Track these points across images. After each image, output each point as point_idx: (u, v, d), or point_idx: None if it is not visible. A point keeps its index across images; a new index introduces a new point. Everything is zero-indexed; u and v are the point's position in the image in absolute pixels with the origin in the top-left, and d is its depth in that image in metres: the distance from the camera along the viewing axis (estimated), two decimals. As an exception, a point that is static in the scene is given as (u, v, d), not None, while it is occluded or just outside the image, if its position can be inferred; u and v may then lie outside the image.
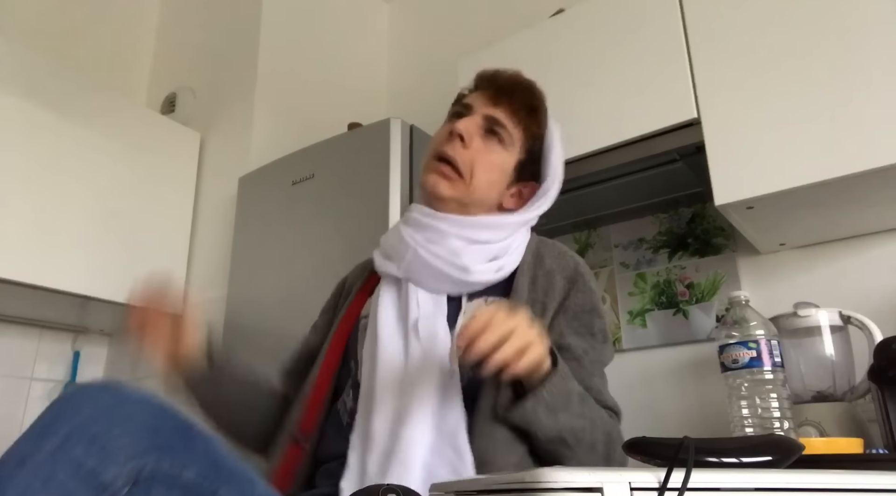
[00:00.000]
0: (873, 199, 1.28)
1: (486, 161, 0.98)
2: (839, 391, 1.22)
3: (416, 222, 0.99)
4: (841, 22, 1.22)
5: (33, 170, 1.81)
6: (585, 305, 0.96)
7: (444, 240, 0.96)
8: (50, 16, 2.30)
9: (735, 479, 0.46)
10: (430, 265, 0.94)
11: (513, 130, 1.00)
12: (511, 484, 0.45)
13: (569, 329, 0.94)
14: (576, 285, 0.96)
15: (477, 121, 1.00)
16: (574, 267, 0.98)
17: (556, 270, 0.97)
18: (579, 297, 0.96)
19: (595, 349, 0.94)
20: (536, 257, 0.99)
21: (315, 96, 2.33)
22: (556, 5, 1.74)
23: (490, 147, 0.99)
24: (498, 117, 1.00)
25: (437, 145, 1.01)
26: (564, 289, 0.96)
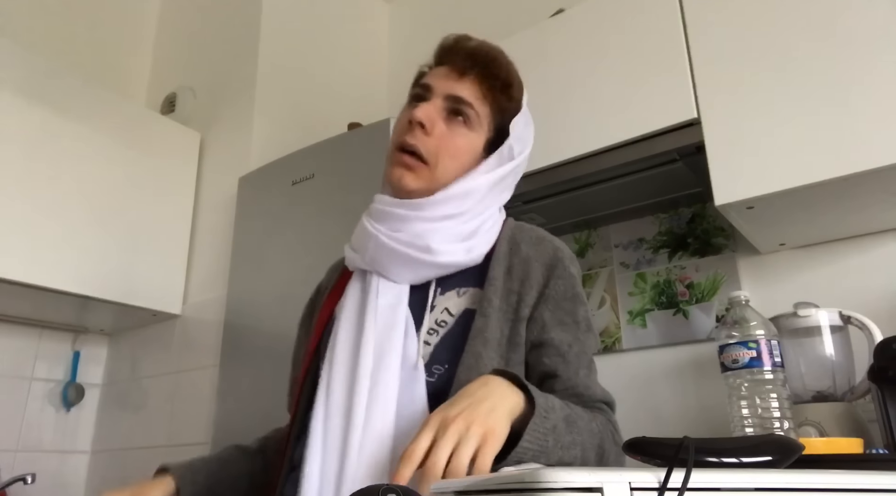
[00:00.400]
0: (873, 199, 1.28)
1: (452, 146, 0.92)
2: (839, 391, 1.22)
3: (377, 213, 0.94)
4: (841, 22, 1.22)
5: (33, 169, 1.81)
6: (567, 292, 0.90)
7: (407, 224, 0.91)
8: (50, 16, 2.30)
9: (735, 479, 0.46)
10: (392, 251, 0.89)
11: (479, 108, 0.93)
12: (511, 484, 0.45)
13: (552, 320, 0.88)
14: (555, 272, 0.91)
15: (437, 104, 0.92)
16: (553, 252, 0.93)
17: (532, 257, 0.91)
18: (559, 284, 0.90)
19: (579, 340, 0.89)
20: (512, 244, 0.94)
21: (315, 96, 2.33)
22: (556, 5, 1.74)
23: (455, 130, 0.92)
24: (461, 95, 0.92)
25: (398, 135, 0.94)
26: (543, 276, 0.90)
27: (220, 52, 2.34)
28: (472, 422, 0.66)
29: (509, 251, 0.93)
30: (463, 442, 0.65)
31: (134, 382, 2.16)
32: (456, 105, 0.92)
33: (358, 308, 0.91)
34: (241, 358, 1.80)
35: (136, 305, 1.99)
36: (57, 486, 2.05)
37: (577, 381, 0.86)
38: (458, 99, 0.92)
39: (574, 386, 0.86)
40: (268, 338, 1.74)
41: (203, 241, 2.16)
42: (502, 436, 0.67)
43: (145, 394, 2.10)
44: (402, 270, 0.91)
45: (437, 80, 0.95)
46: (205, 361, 1.95)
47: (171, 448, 1.96)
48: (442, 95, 0.93)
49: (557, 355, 0.86)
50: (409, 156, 0.91)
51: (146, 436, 2.04)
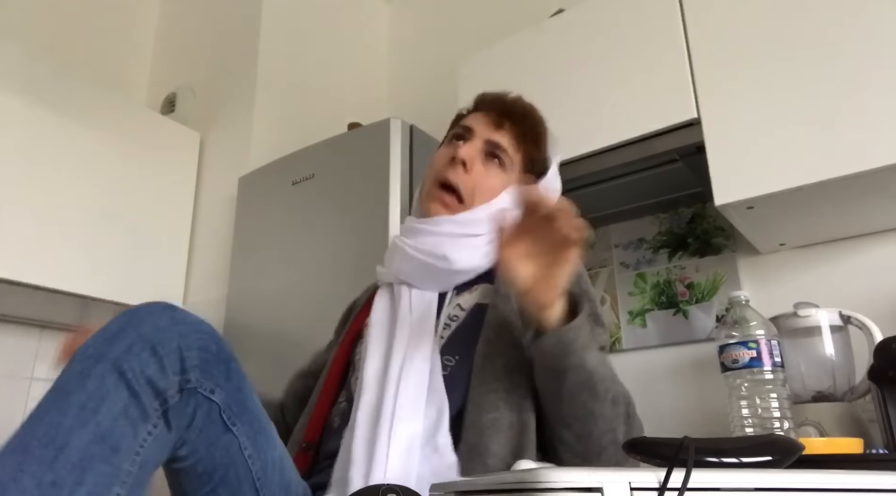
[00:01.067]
0: (873, 199, 1.28)
1: (487, 184, 1.00)
2: (839, 391, 1.22)
3: (408, 230, 1.02)
4: (841, 22, 1.22)
5: (33, 170, 1.81)
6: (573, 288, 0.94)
7: (432, 237, 0.97)
8: (50, 16, 2.30)
9: (735, 479, 0.46)
10: (413, 259, 0.96)
11: (513, 155, 1.02)
12: (511, 484, 0.45)
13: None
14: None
15: (478, 145, 1.01)
16: None
17: None
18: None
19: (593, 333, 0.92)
20: None
21: (315, 96, 2.33)
22: (556, 5, 1.74)
23: (490, 170, 1.01)
24: (499, 142, 1.01)
25: (439, 170, 1.02)
26: None
27: (220, 52, 2.34)
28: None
29: None
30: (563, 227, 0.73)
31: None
32: (493, 149, 1.01)
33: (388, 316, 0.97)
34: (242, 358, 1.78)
35: (136, 305, 1.98)
36: (57, 486, 2.04)
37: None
38: (496, 144, 1.01)
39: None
40: (268, 338, 1.74)
41: (203, 241, 2.15)
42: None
43: (145, 394, 2.10)
44: (424, 279, 0.97)
45: (478, 124, 1.03)
46: (205, 361, 1.95)
47: (171, 448, 1.96)
48: (482, 138, 1.01)
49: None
50: (447, 194, 0.99)
51: (146, 436, 2.04)
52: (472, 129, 1.03)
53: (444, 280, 0.97)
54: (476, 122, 1.04)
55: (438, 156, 1.06)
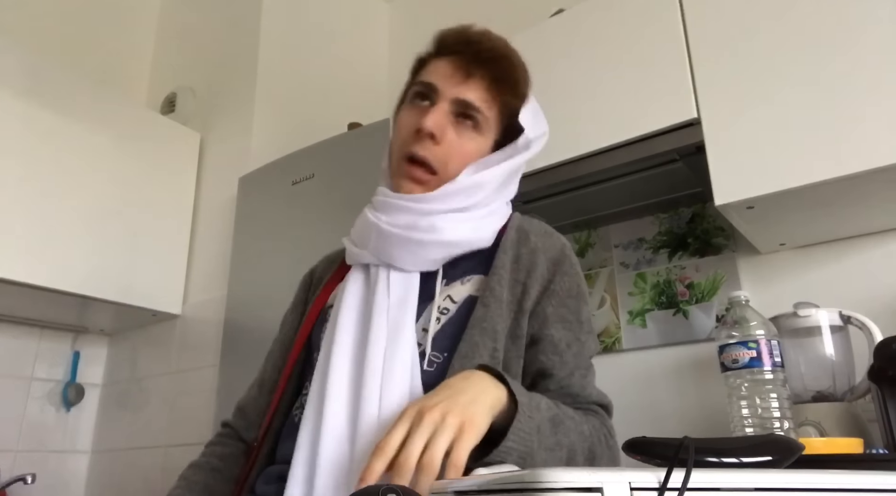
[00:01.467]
0: (873, 199, 1.28)
1: (462, 151, 0.89)
2: (839, 391, 1.22)
3: (381, 204, 0.91)
4: (841, 22, 1.22)
5: (33, 170, 1.81)
6: (572, 290, 0.88)
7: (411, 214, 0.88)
8: (50, 16, 2.30)
9: (735, 479, 0.46)
10: (395, 236, 0.87)
11: (487, 111, 0.89)
12: (511, 484, 0.45)
13: (554, 316, 0.85)
14: (562, 267, 0.88)
15: (444, 108, 0.89)
16: (560, 248, 0.91)
17: (540, 249, 0.89)
18: (566, 281, 0.88)
19: (579, 340, 0.86)
20: (521, 233, 0.91)
21: (315, 96, 2.33)
22: (556, 5, 1.74)
23: (463, 134, 0.89)
24: (469, 100, 0.88)
25: (405, 141, 0.91)
26: (549, 271, 0.88)
27: (220, 52, 2.34)
28: (448, 412, 0.63)
29: (517, 240, 0.90)
30: (438, 433, 0.62)
31: (134, 382, 2.16)
32: (464, 109, 0.89)
33: (362, 302, 0.88)
34: (241, 358, 1.80)
35: (136, 305, 1.99)
36: (57, 486, 2.05)
37: (571, 382, 0.84)
38: (467, 103, 0.89)
39: (569, 386, 0.83)
40: (268, 338, 1.74)
41: (203, 241, 2.16)
42: (481, 427, 0.65)
43: (145, 394, 2.10)
44: (407, 255, 0.87)
45: (442, 80, 0.90)
46: (205, 361, 1.95)
47: (170, 448, 1.96)
48: (449, 99, 0.89)
49: (555, 354, 0.84)
50: (418, 168, 0.89)
51: (146, 436, 2.04)
52: (435, 88, 0.90)
53: (428, 254, 0.87)
54: (440, 77, 0.91)
55: (403, 122, 0.93)
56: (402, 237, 0.87)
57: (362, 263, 0.92)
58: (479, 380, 0.70)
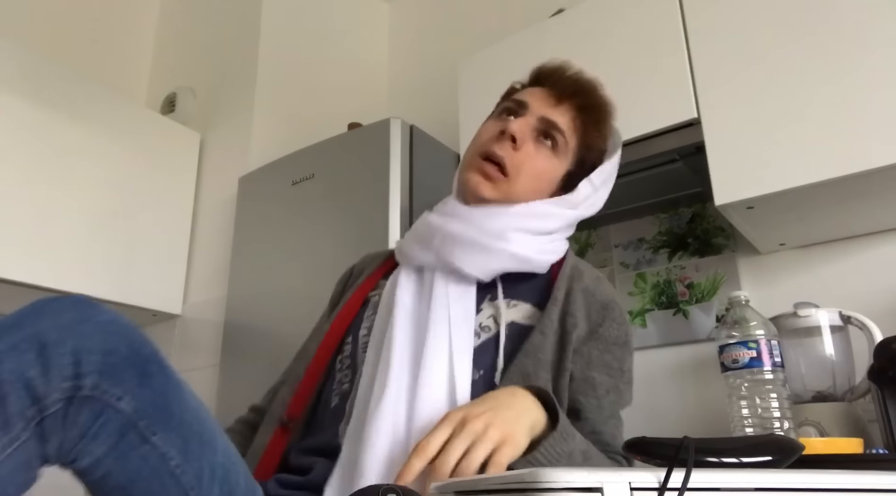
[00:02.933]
0: (873, 200, 1.28)
1: (535, 166, 0.90)
2: (839, 391, 1.22)
3: (447, 212, 0.91)
4: (841, 22, 1.22)
5: (33, 170, 1.81)
6: (619, 338, 0.88)
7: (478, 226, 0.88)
8: (50, 16, 2.30)
9: (735, 479, 0.46)
10: (462, 239, 0.86)
11: (569, 137, 0.92)
12: (511, 483, 0.45)
13: (598, 361, 0.86)
14: (612, 314, 0.88)
15: (531, 122, 0.91)
16: (611, 295, 0.91)
17: (592, 291, 0.89)
18: (615, 329, 0.88)
19: (619, 390, 0.86)
20: (575, 271, 0.91)
21: (315, 96, 2.33)
22: (556, 5, 1.75)
23: (541, 151, 0.91)
24: (556, 121, 0.91)
25: (484, 143, 0.92)
26: (599, 315, 0.88)
27: (220, 52, 2.34)
28: (491, 424, 0.64)
29: (572, 276, 0.90)
30: (479, 442, 0.63)
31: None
32: (548, 128, 0.91)
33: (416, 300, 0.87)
34: (241, 358, 1.80)
35: (136, 305, 1.98)
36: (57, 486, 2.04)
37: (605, 429, 0.84)
38: (552, 123, 0.91)
39: (601, 433, 0.83)
40: (268, 338, 1.74)
41: (203, 241, 2.15)
42: (520, 445, 0.66)
43: (145, 394, 2.10)
44: (470, 259, 0.86)
45: (534, 99, 0.93)
46: (205, 361, 1.95)
47: (171, 448, 1.96)
48: (536, 116, 0.91)
49: (594, 397, 0.84)
50: (491, 165, 0.90)
51: (146, 436, 2.04)
52: (526, 104, 0.92)
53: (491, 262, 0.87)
54: (532, 97, 0.93)
55: (484, 129, 0.95)
56: (470, 240, 0.87)
57: (415, 265, 0.92)
58: (523, 397, 0.71)
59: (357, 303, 0.96)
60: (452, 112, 1.74)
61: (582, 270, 0.92)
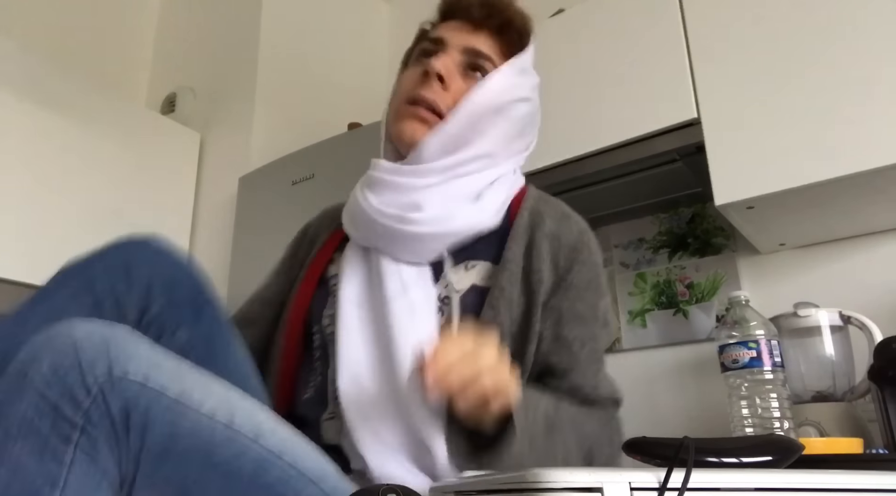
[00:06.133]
0: (873, 199, 1.28)
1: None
2: (839, 391, 1.22)
3: (373, 181, 0.85)
4: (841, 22, 1.22)
5: (33, 169, 1.81)
6: (591, 282, 0.83)
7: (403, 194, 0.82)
8: (50, 16, 2.30)
9: (735, 479, 0.46)
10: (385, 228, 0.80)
11: (496, 58, 0.86)
12: (511, 483, 0.45)
13: (569, 313, 0.80)
14: (580, 256, 0.83)
15: (455, 57, 0.85)
16: (578, 234, 0.85)
17: (558, 234, 0.83)
18: (584, 272, 0.82)
19: (594, 337, 0.82)
20: (534, 215, 0.85)
21: (315, 96, 2.33)
22: (556, 5, 1.74)
23: (471, 85, 0.84)
24: (479, 48, 0.85)
25: (409, 89, 0.85)
26: (567, 259, 0.82)
27: (220, 52, 2.34)
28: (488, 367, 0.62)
29: (531, 224, 0.84)
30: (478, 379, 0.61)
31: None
32: (474, 59, 0.85)
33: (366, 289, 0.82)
34: (241, 358, 1.80)
35: (136, 305, 1.98)
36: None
37: (584, 382, 0.80)
38: (477, 52, 0.85)
39: (581, 386, 0.80)
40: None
41: (203, 241, 2.15)
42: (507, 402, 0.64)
43: (145, 394, 2.10)
44: (404, 251, 0.81)
45: (450, 32, 0.87)
46: (205, 361, 1.95)
47: (171, 448, 1.96)
48: (458, 48, 0.86)
49: (569, 355, 0.80)
50: (424, 109, 0.83)
51: (146, 436, 2.04)
52: (443, 40, 0.86)
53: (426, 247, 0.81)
54: (447, 30, 0.88)
55: (405, 77, 0.89)
56: (398, 232, 0.80)
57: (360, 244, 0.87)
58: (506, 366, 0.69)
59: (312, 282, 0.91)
60: (452, 112, 1.74)
61: (543, 212, 0.85)
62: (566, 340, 0.80)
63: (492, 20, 0.87)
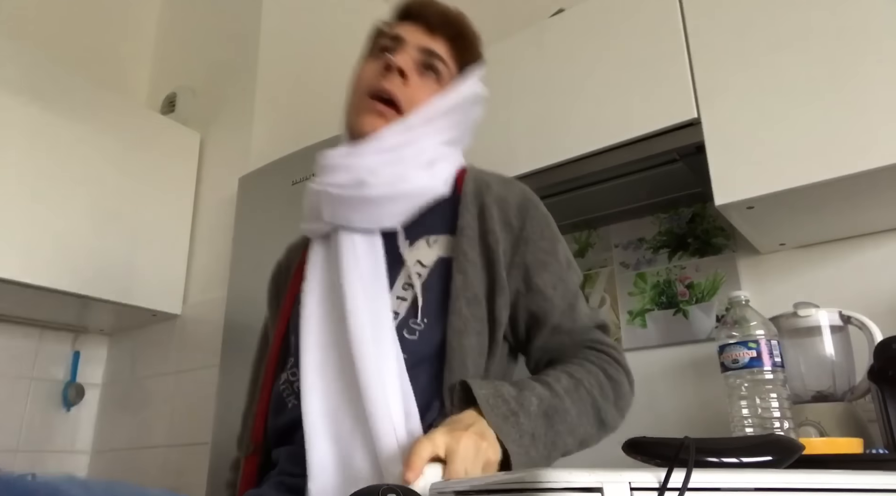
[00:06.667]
0: (873, 199, 1.28)
1: (424, 99, 0.91)
2: (839, 391, 1.22)
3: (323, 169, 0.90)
4: (841, 22, 1.22)
5: (33, 169, 1.81)
6: (544, 232, 0.89)
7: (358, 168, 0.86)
8: (50, 16, 2.30)
9: (735, 479, 0.46)
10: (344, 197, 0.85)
11: (449, 62, 0.94)
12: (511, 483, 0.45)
13: (534, 263, 0.87)
14: (529, 212, 0.89)
15: (413, 55, 0.92)
16: (522, 193, 0.92)
17: (504, 196, 0.90)
18: (535, 225, 0.89)
19: (563, 280, 0.87)
20: (479, 183, 0.91)
21: (315, 96, 2.33)
22: (556, 5, 1.74)
23: (427, 82, 0.92)
24: (435, 50, 0.93)
25: (370, 81, 0.91)
26: (518, 218, 0.88)
27: (220, 52, 2.34)
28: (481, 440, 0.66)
29: (477, 190, 0.90)
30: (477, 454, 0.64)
31: (134, 382, 2.16)
32: (430, 59, 0.93)
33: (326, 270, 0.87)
34: (241, 358, 1.79)
35: (136, 305, 1.99)
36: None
37: (563, 321, 0.86)
38: (433, 53, 0.93)
39: (560, 325, 0.86)
40: (268, 338, 1.74)
41: (203, 241, 2.16)
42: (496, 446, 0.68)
43: (145, 394, 2.10)
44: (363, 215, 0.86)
45: (409, 33, 0.94)
46: (205, 361, 1.95)
47: (171, 448, 1.96)
48: (416, 47, 0.92)
49: (543, 300, 0.86)
50: (383, 104, 0.89)
51: (146, 436, 2.04)
52: (402, 38, 0.93)
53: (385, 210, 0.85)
54: (406, 31, 0.94)
55: (365, 69, 0.94)
56: (354, 197, 0.85)
57: (321, 235, 0.91)
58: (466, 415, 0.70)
59: (290, 302, 0.95)
60: (452, 112, 1.74)
61: (488, 181, 0.92)
62: (538, 287, 0.86)
63: (447, 28, 0.95)
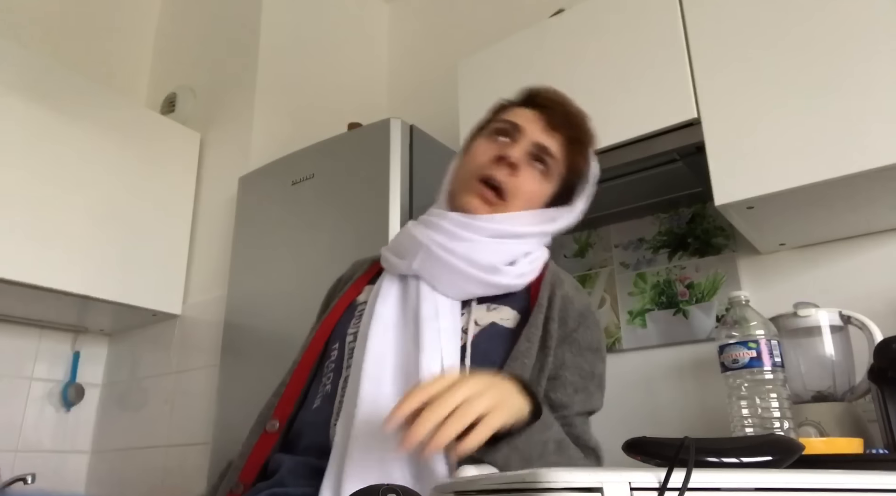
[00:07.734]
0: (874, 199, 1.28)
1: (529, 189, 0.95)
2: (839, 391, 1.22)
3: (434, 224, 0.94)
4: (841, 22, 1.22)
5: (33, 170, 1.81)
6: (592, 344, 0.92)
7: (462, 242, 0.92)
8: (50, 16, 2.30)
9: (735, 479, 0.46)
10: (447, 264, 0.90)
11: (560, 162, 0.97)
12: (511, 483, 0.45)
13: (572, 363, 0.90)
14: (586, 321, 0.93)
15: (526, 147, 0.95)
16: (587, 304, 0.96)
17: (572, 299, 0.94)
18: (588, 334, 0.92)
19: (588, 391, 0.90)
20: (556, 278, 0.96)
21: (315, 96, 2.33)
22: (556, 5, 1.75)
23: (533, 175, 0.96)
24: (550, 148, 0.96)
25: (482, 165, 0.95)
26: (575, 320, 0.92)
27: (220, 52, 2.34)
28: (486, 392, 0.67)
29: (553, 283, 0.94)
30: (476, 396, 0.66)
31: (134, 382, 2.16)
32: (542, 154, 0.96)
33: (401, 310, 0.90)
34: (241, 358, 1.80)
35: (136, 305, 1.98)
36: (57, 486, 2.04)
37: (576, 421, 0.88)
38: (546, 149, 0.96)
39: (573, 424, 0.87)
40: (268, 338, 1.74)
41: (203, 241, 2.15)
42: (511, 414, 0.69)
43: (145, 394, 2.10)
44: (450, 283, 0.90)
45: (528, 123, 0.97)
46: (205, 361, 1.95)
47: (171, 448, 1.96)
48: (531, 140, 0.96)
49: (565, 394, 0.88)
50: (490, 190, 0.94)
51: (146, 436, 2.04)
52: (521, 128, 0.96)
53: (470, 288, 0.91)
54: (526, 120, 0.97)
55: (480, 149, 0.98)
56: (440, 258, 0.90)
57: (399, 274, 0.94)
58: (509, 385, 0.73)
59: (342, 308, 0.99)
60: (452, 112, 1.74)
61: (563, 279, 0.97)
62: (564, 381, 0.88)
63: (566, 129, 0.97)
